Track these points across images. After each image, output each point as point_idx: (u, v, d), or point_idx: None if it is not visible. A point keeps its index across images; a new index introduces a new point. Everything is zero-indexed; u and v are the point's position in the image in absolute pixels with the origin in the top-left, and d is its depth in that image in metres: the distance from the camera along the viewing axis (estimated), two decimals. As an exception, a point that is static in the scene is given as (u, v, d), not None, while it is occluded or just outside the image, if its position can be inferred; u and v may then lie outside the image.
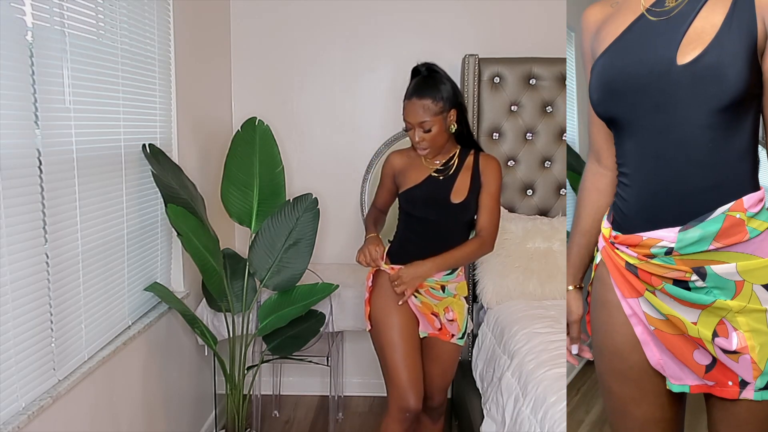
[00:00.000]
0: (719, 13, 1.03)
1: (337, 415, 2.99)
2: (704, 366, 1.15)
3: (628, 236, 1.17)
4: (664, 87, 1.07)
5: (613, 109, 1.16)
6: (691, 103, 1.04)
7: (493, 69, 2.83)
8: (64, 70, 1.63)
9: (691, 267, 1.10)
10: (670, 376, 1.20)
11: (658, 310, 1.16)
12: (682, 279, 1.11)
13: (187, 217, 2.06)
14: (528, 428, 1.79)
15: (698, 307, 1.12)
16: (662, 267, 1.13)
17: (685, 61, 1.04)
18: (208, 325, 2.54)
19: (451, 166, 2.04)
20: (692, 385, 1.19)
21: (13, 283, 1.43)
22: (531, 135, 2.88)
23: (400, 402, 1.98)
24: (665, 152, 1.09)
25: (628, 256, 1.18)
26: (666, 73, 1.06)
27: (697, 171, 1.07)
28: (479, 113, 2.86)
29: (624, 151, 1.18)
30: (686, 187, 1.08)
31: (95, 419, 1.81)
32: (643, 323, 1.20)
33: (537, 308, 2.46)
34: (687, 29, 1.05)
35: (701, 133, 1.05)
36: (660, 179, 1.11)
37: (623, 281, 1.21)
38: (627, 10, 1.18)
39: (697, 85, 1.03)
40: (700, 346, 1.15)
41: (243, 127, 2.51)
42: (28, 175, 1.49)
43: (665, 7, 1.10)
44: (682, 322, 1.14)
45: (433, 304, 2.08)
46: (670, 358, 1.19)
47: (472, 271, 2.74)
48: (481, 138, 2.87)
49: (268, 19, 3.03)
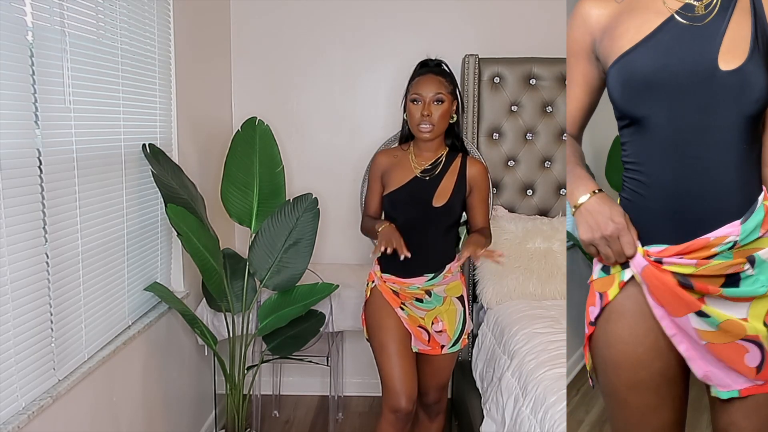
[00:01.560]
0: (746, 26, 1.13)
1: (337, 415, 2.99)
2: (755, 368, 1.18)
3: (690, 243, 1.15)
4: (708, 89, 1.12)
5: (646, 107, 1.16)
6: (731, 108, 1.12)
7: (493, 69, 2.83)
8: (64, 70, 1.63)
9: (744, 257, 1.15)
10: (717, 385, 1.22)
11: (714, 319, 1.17)
12: (736, 272, 1.16)
13: (187, 217, 2.06)
14: (528, 428, 1.79)
15: (748, 299, 1.16)
16: (721, 265, 1.16)
17: (729, 68, 1.11)
18: (208, 325, 2.54)
19: (438, 165, 2.04)
20: (742, 389, 1.20)
21: (13, 283, 1.43)
22: (531, 135, 2.88)
23: (391, 402, 1.99)
24: (703, 152, 1.14)
25: (681, 267, 1.17)
26: (710, 77, 1.12)
27: (732, 171, 1.14)
28: (479, 113, 2.86)
29: (646, 152, 1.19)
30: (722, 186, 1.14)
31: (95, 419, 1.81)
32: (689, 340, 1.20)
33: (537, 308, 2.46)
34: (723, 38, 1.13)
35: (738, 136, 1.13)
36: (695, 179, 1.15)
37: (674, 299, 1.18)
38: (644, 9, 1.19)
39: (738, 92, 1.11)
40: (752, 344, 1.17)
41: (243, 127, 2.50)
42: (28, 175, 1.49)
43: (696, 13, 1.16)
44: (739, 323, 1.16)
45: (419, 317, 2.07)
46: (718, 368, 1.20)
47: (472, 271, 2.74)
48: (481, 138, 2.88)
49: (268, 19, 3.04)
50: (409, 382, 2.00)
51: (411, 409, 2.00)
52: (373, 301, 2.11)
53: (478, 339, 2.60)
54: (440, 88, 1.97)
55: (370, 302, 2.12)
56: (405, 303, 2.07)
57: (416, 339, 2.09)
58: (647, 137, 1.18)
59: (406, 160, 2.07)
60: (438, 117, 1.96)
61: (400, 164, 2.07)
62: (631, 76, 1.17)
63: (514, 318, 2.38)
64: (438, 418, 2.29)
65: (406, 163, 2.06)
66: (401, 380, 1.99)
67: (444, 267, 2.05)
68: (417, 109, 1.97)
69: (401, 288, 2.06)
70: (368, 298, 2.13)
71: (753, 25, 1.13)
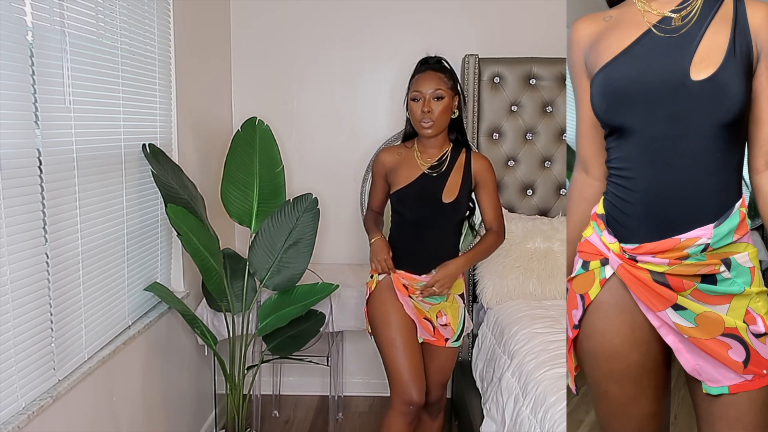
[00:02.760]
0: (723, 35, 1.15)
1: (337, 415, 2.99)
2: (741, 362, 1.20)
3: (660, 242, 1.19)
4: (678, 99, 1.15)
5: (623, 117, 1.21)
6: (703, 116, 1.14)
7: (493, 69, 2.83)
8: (64, 70, 1.63)
9: (719, 260, 1.19)
10: (706, 380, 1.23)
11: (690, 313, 1.20)
12: (711, 273, 1.19)
13: (187, 216, 2.06)
14: (528, 428, 1.79)
15: (726, 299, 1.20)
16: (694, 266, 1.19)
17: (700, 78, 1.13)
18: (208, 325, 2.54)
19: (444, 161, 2.05)
20: (731, 384, 1.21)
21: (13, 283, 1.43)
22: (531, 135, 2.88)
23: (403, 395, 2.00)
24: (677, 159, 1.17)
25: (655, 266, 1.20)
26: (681, 87, 1.14)
27: (707, 177, 1.16)
28: (479, 113, 2.86)
29: (628, 158, 1.23)
30: (697, 191, 1.17)
31: (95, 419, 1.82)
32: (674, 332, 1.23)
33: (537, 308, 2.46)
34: (696, 47, 1.15)
35: (712, 144, 1.15)
36: (671, 185, 1.18)
37: (650, 294, 1.22)
38: (626, 24, 1.23)
39: (710, 100, 1.13)
40: (733, 340, 1.19)
41: (243, 127, 2.50)
42: (28, 175, 1.49)
43: (672, 25, 1.19)
44: (716, 316, 1.19)
45: (424, 309, 2.10)
46: (706, 362, 1.22)
47: (472, 271, 2.74)
48: (481, 138, 2.87)
49: (268, 19, 3.03)
50: (418, 375, 2.02)
51: (421, 402, 2.01)
52: (377, 295, 2.11)
53: (478, 339, 2.59)
54: (439, 84, 1.98)
55: (374, 296, 2.12)
56: (412, 296, 2.09)
57: (422, 329, 2.10)
58: (627, 144, 1.22)
59: (412, 158, 2.08)
60: (438, 113, 1.98)
61: (405, 162, 2.08)
62: (609, 88, 1.22)
63: (514, 318, 2.38)
64: (439, 417, 2.32)
65: (411, 160, 2.08)
66: (411, 373, 2.00)
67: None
68: (418, 106, 1.99)
69: (410, 283, 2.09)
70: (372, 292, 2.13)
71: (732, 33, 1.14)
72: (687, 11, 1.19)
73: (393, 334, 2.05)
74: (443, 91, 1.98)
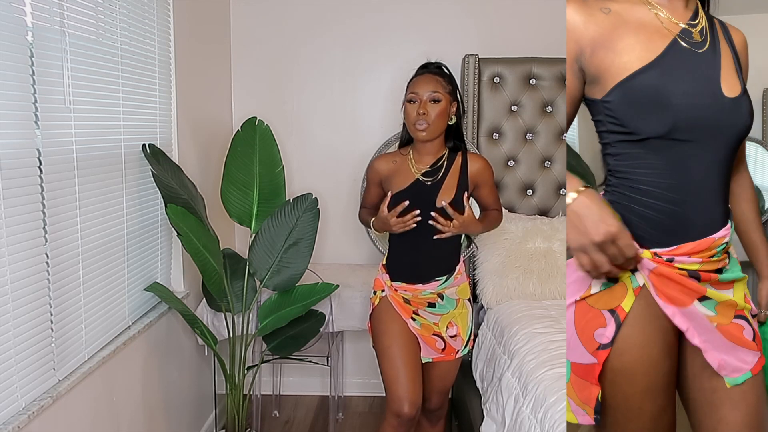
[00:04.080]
0: (729, 58, 1.24)
1: (337, 415, 2.99)
2: (752, 341, 1.26)
3: (698, 243, 1.22)
4: (714, 114, 1.20)
5: (653, 126, 1.19)
6: (730, 131, 1.22)
7: (493, 69, 2.83)
8: (64, 71, 1.63)
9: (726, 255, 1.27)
10: (729, 373, 1.25)
11: (713, 302, 1.25)
12: (721, 267, 1.27)
13: (187, 217, 2.06)
14: (528, 428, 1.79)
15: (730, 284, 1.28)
16: (718, 261, 1.25)
17: (732, 96, 1.20)
18: (208, 325, 2.54)
19: (440, 168, 2.00)
20: (752, 367, 1.26)
21: (13, 283, 1.44)
22: (531, 135, 2.88)
23: (394, 408, 1.97)
24: (697, 169, 1.21)
25: (688, 265, 1.23)
26: (718, 103, 1.20)
27: (722, 183, 1.24)
28: (479, 113, 2.86)
29: (643, 162, 1.22)
30: (707, 200, 1.24)
31: (95, 419, 1.82)
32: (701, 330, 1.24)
33: (537, 308, 2.46)
34: (720, 66, 1.22)
35: (728, 157, 1.23)
36: (685, 192, 1.22)
37: (681, 290, 1.23)
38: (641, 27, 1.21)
39: (736, 118, 1.22)
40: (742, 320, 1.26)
41: (243, 127, 2.50)
42: (28, 175, 1.49)
43: (693, 39, 1.23)
44: (731, 299, 1.26)
45: (432, 324, 2.05)
46: (728, 354, 1.25)
47: (473, 271, 2.74)
48: (481, 138, 2.87)
49: (268, 19, 3.03)
50: (413, 388, 1.97)
51: (414, 415, 1.97)
52: (380, 310, 2.08)
53: (478, 339, 2.59)
54: (437, 87, 1.93)
55: (377, 311, 2.09)
56: (417, 311, 2.04)
57: (430, 348, 2.07)
58: (648, 152, 1.21)
59: (406, 165, 2.03)
60: (435, 116, 1.92)
61: (399, 169, 2.04)
62: (643, 97, 1.19)
63: (514, 318, 2.38)
64: (439, 423, 2.29)
65: (405, 167, 2.03)
66: (405, 386, 1.96)
67: (454, 269, 2.06)
68: (413, 108, 1.94)
69: (414, 295, 2.04)
70: (375, 307, 2.10)
71: (734, 57, 1.24)
72: (700, 27, 1.24)
73: (389, 343, 2.01)
74: (440, 94, 1.93)
